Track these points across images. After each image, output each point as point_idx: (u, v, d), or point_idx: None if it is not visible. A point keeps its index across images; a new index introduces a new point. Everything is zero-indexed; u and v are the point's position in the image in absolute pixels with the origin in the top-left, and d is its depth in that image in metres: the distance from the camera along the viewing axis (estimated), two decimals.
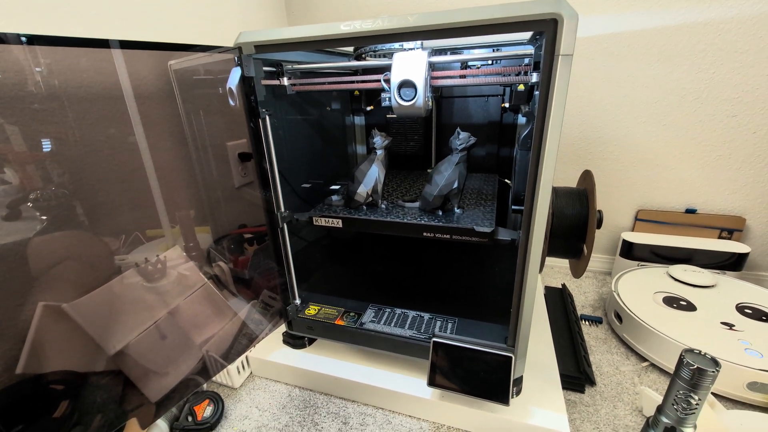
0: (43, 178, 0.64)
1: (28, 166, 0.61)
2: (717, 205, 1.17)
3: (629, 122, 1.16)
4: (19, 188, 0.60)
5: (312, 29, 0.59)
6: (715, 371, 0.55)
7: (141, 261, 0.90)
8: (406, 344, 0.78)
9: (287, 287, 0.87)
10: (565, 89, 0.50)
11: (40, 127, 0.61)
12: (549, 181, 0.56)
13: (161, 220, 0.97)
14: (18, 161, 0.59)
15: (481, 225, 0.70)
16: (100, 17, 0.90)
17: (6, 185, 0.58)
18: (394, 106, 0.65)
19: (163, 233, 0.98)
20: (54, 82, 0.65)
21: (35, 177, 0.62)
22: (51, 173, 0.65)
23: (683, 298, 0.98)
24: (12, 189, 0.59)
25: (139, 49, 0.74)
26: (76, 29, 0.88)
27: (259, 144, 0.72)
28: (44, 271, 0.70)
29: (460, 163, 0.73)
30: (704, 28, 1.01)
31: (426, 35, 0.54)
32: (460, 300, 0.91)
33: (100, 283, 0.78)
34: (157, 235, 0.95)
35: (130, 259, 0.90)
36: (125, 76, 0.82)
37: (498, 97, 1.04)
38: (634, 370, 0.88)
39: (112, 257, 0.87)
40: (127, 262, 0.89)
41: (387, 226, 0.76)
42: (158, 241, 0.96)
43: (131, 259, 0.90)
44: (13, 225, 0.60)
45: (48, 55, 0.61)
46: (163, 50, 0.79)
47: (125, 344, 0.74)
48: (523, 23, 0.50)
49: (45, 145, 0.63)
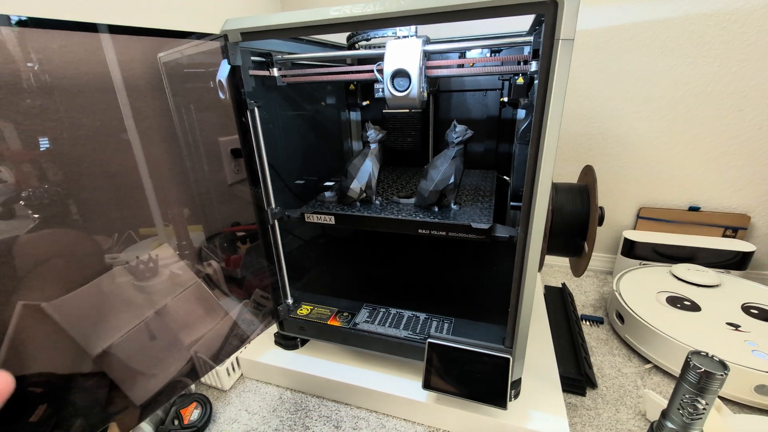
0: (31, 176, 0.62)
1: (16, 163, 0.59)
2: (721, 202, 1.14)
3: (631, 117, 1.13)
4: (12, 187, 0.58)
5: (300, 15, 0.56)
6: (724, 375, 0.52)
7: (132, 259, 0.87)
8: (401, 345, 0.75)
9: (279, 286, 0.85)
10: (566, 77, 0.48)
11: (27, 121, 0.59)
12: (548, 175, 0.53)
13: (154, 219, 0.94)
14: (9, 159, 0.58)
15: (478, 221, 0.67)
16: (88, 4, 0.87)
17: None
18: (388, 97, 0.63)
19: (156, 231, 0.96)
20: (46, 78, 0.63)
21: (23, 174, 0.60)
22: (40, 170, 0.63)
23: (687, 297, 0.95)
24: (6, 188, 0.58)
25: (128, 34, 0.71)
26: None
27: (247, 137, 0.70)
28: (30, 269, 0.67)
29: (457, 157, 0.71)
30: (709, 20, 0.98)
31: (420, 19, 0.52)
32: (457, 299, 0.88)
33: (89, 282, 0.75)
34: (150, 234, 0.93)
35: (122, 257, 0.88)
36: (116, 68, 0.79)
37: (497, 92, 1.02)
38: (636, 372, 0.85)
39: (103, 255, 0.84)
40: (118, 261, 0.86)
41: (381, 222, 0.73)
42: (151, 240, 0.94)
43: (123, 258, 0.88)
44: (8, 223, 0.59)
45: (35, 40, 0.58)
46: (151, 36, 0.77)
47: (110, 345, 0.71)
48: (522, 5, 0.47)
49: (32, 141, 0.61)
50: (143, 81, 0.86)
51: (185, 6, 1.07)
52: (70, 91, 0.68)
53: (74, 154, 0.71)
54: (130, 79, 0.81)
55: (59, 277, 0.72)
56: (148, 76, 0.88)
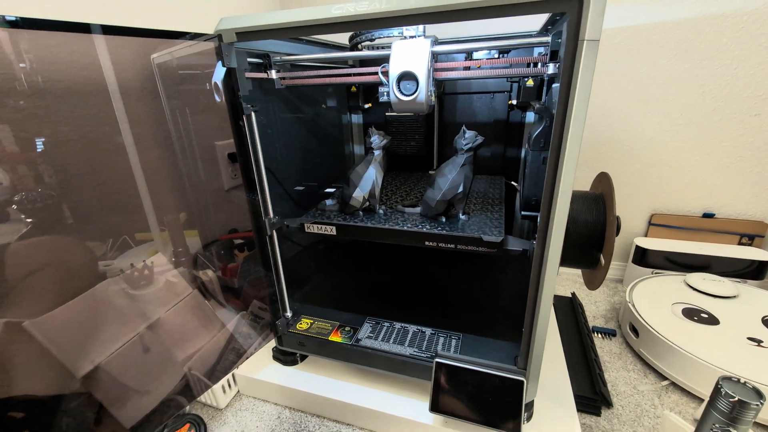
0: (24, 179, 0.60)
1: (11, 165, 0.58)
2: (737, 209, 1.10)
3: (643, 121, 1.09)
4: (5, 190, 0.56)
5: (299, 13, 0.52)
6: (759, 404, 0.48)
7: (126, 266, 0.84)
8: (406, 364, 0.71)
9: (277, 300, 0.80)
10: (590, 81, 0.44)
11: (21, 125, 0.58)
12: (569, 186, 0.49)
13: (150, 225, 0.91)
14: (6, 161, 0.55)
15: (489, 234, 0.63)
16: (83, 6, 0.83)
17: None
18: (393, 101, 0.59)
19: (152, 236, 0.92)
20: (37, 78, 0.61)
21: (15, 177, 0.59)
22: (33, 173, 0.62)
23: (704, 310, 0.91)
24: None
25: (121, 35, 0.68)
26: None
27: (243, 143, 0.65)
28: (18, 282, 0.63)
29: (466, 165, 0.67)
30: (726, 20, 0.94)
31: (429, 18, 0.47)
32: (465, 312, 0.84)
33: (81, 293, 0.71)
34: (146, 239, 0.89)
35: (116, 264, 0.84)
36: (110, 70, 0.76)
37: (505, 94, 0.98)
38: (653, 390, 0.81)
39: (96, 262, 0.81)
40: (112, 268, 0.83)
41: (385, 234, 0.69)
42: (145, 246, 0.91)
43: (117, 265, 0.84)
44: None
45: (28, 42, 0.57)
46: (142, 36, 0.74)
47: (98, 364, 0.67)
48: (543, 3, 0.43)
49: (24, 144, 0.60)
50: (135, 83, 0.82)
51: (182, 4, 1.04)
52: (62, 93, 0.66)
53: (66, 157, 0.69)
54: (122, 81, 0.78)
55: (50, 288, 0.68)
56: (141, 78, 0.84)
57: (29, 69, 0.59)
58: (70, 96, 0.66)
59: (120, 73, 0.77)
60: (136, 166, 0.84)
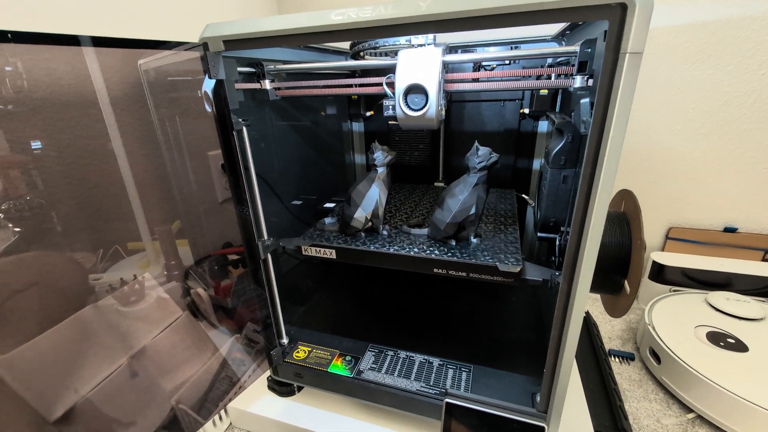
0: (11, 187, 0.59)
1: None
2: (761, 223, 1.04)
3: (662, 130, 1.03)
4: None
5: (295, 20, 0.46)
6: None
7: (116, 282, 0.79)
8: (413, 400, 0.65)
9: (272, 324, 0.74)
10: (631, 98, 0.37)
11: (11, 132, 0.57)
12: (602, 214, 0.43)
13: (141, 233, 0.86)
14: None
15: (506, 261, 0.57)
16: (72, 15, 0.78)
17: None
18: (400, 116, 0.52)
19: (144, 246, 0.87)
20: (23, 84, 0.59)
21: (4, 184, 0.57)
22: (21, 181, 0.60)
23: (730, 334, 0.85)
24: None
25: (109, 46, 0.64)
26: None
27: (234, 161, 0.59)
28: (4, 300, 0.58)
29: (479, 185, 0.60)
30: (753, 23, 0.88)
31: (441, 26, 0.41)
32: (475, 341, 0.78)
33: (67, 313, 0.66)
34: (138, 248, 0.85)
35: (106, 278, 0.79)
36: (99, 80, 0.72)
37: (516, 102, 0.91)
38: (678, 423, 0.75)
39: (86, 278, 0.76)
40: (101, 283, 0.77)
41: (389, 259, 0.63)
42: (137, 257, 0.86)
43: (107, 279, 0.79)
44: None
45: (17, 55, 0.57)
46: (133, 48, 0.70)
47: (73, 405, 0.61)
48: (575, 10, 0.37)
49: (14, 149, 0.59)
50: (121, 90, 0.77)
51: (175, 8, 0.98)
52: (51, 102, 0.62)
53: (57, 166, 0.65)
54: (109, 87, 0.74)
55: (36, 310, 0.63)
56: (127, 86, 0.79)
57: (14, 74, 0.57)
58: (55, 104, 0.63)
59: (107, 79, 0.72)
60: (127, 174, 0.79)
